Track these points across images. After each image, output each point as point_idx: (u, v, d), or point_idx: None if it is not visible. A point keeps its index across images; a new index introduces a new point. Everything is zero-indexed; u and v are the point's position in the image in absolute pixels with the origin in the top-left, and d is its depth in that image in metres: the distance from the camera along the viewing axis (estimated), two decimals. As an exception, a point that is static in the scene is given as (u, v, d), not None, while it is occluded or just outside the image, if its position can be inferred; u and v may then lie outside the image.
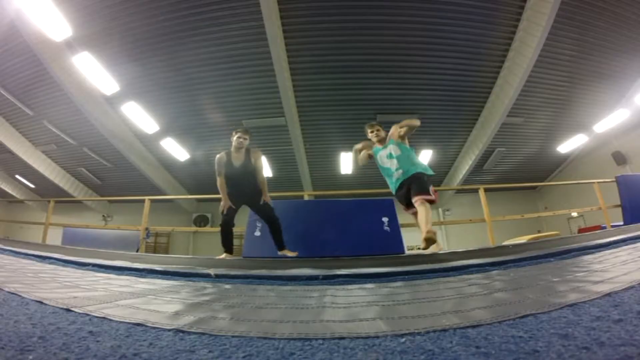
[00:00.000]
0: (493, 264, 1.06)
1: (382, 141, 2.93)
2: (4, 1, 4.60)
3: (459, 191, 10.89)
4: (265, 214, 2.99)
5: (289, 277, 0.99)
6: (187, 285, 0.92)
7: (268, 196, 2.98)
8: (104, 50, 5.58)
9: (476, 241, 8.45)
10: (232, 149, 2.87)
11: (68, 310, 0.54)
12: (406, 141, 2.88)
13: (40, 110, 7.30)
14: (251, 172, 2.88)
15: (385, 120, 7.41)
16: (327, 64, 5.94)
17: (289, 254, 2.97)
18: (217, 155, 2.86)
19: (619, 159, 8.25)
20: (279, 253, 2.99)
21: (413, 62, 5.97)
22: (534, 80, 6.14)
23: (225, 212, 2.83)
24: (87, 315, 0.52)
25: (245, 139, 2.84)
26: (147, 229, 4.89)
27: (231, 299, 0.71)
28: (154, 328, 0.46)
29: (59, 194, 10.16)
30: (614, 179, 4.89)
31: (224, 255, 2.82)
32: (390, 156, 2.80)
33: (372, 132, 2.96)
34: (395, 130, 2.87)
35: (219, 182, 2.84)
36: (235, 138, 2.84)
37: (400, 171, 2.74)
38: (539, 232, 8.94)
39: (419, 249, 2.48)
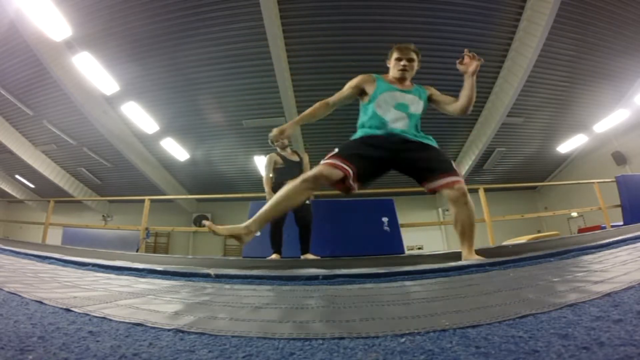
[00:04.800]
0: (493, 264, 1.06)
1: (404, 82, 1.78)
2: (4, 1, 4.60)
3: (459, 191, 10.88)
4: (304, 217, 2.97)
5: (288, 277, 0.99)
6: (187, 285, 0.91)
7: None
8: (104, 50, 5.58)
9: (476, 241, 8.45)
10: (279, 150, 3.23)
11: (68, 310, 0.54)
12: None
13: (40, 110, 7.30)
14: (302, 169, 3.15)
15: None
16: (327, 64, 5.94)
17: (311, 257, 2.83)
18: (269, 155, 3.20)
19: (619, 159, 8.25)
20: (302, 257, 2.84)
21: (413, 62, 5.96)
22: (534, 80, 6.14)
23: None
24: (87, 315, 0.52)
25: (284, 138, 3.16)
26: (147, 229, 4.89)
27: (231, 299, 0.71)
28: (154, 328, 0.46)
29: (59, 194, 10.16)
30: (613, 179, 4.89)
31: (274, 256, 2.83)
32: (403, 107, 1.68)
33: (400, 59, 1.76)
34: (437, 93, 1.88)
35: (266, 179, 3.09)
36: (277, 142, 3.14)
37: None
38: (539, 232, 8.94)
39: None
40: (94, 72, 5.76)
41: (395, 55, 1.83)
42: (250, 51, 5.63)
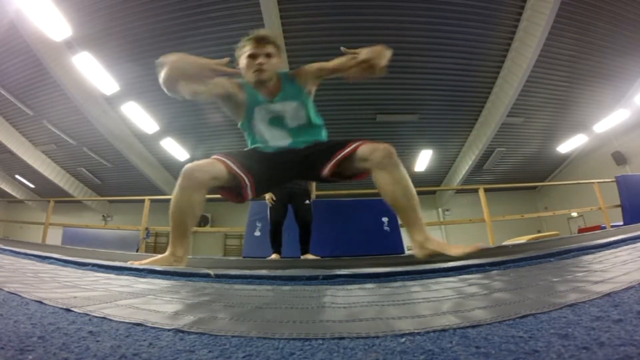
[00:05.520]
0: (493, 264, 1.05)
1: (266, 84, 1.44)
2: (4, 1, 4.60)
3: (458, 191, 10.90)
4: (304, 217, 2.97)
5: (289, 277, 0.98)
6: (187, 285, 0.91)
7: (314, 194, 3.19)
8: (104, 50, 5.59)
9: (476, 241, 8.44)
10: None
11: (68, 310, 0.54)
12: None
13: (40, 110, 7.31)
14: None
15: (386, 121, 7.42)
16: (327, 64, 5.94)
17: (311, 257, 2.85)
18: None
19: (619, 159, 8.26)
20: (302, 257, 2.85)
21: (413, 62, 5.97)
22: (534, 80, 6.15)
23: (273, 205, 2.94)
24: (87, 315, 0.52)
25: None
26: (147, 229, 4.90)
27: (231, 299, 0.71)
28: (154, 328, 0.46)
29: (59, 194, 10.17)
30: (613, 179, 4.89)
31: (274, 256, 2.85)
32: (277, 122, 1.47)
33: (255, 56, 1.37)
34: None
35: None
36: None
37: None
38: (539, 232, 8.94)
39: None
40: (94, 72, 5.76)
41: (247, 50, 1.35)
42: (250, 51, 5.63)
